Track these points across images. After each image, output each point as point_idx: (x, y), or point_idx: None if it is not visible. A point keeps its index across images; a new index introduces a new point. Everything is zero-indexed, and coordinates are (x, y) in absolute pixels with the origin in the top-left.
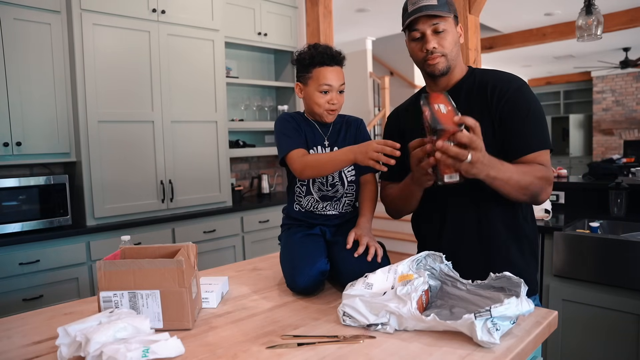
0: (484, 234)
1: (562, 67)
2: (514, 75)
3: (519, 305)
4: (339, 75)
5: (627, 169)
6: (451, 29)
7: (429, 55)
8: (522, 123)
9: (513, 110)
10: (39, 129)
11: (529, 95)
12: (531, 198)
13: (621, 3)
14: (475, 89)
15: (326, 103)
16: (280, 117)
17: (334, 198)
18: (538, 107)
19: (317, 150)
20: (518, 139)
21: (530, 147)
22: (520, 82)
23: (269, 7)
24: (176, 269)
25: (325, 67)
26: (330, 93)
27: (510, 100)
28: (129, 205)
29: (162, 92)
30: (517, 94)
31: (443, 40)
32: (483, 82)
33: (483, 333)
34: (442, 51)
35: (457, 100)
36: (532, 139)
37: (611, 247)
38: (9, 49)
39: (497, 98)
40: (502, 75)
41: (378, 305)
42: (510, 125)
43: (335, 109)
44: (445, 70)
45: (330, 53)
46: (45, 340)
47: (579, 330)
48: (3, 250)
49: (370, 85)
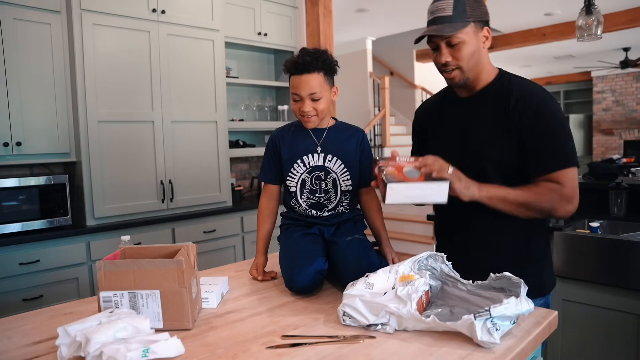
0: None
1: (562, 67)
2: (539, 88)
3: (518, 304)
4: (308, 84)
5: (627, 169)
6: (469, 38)
7: (444, 67)
8: (540, 141)
9: (532, 127)
10: (39, 129)
11: (550, 110)
12: (541, 214)
13: (621, 3)
14: (502, 99)
15: (298, 110)
16: (270, 136)
17: (325, 206)
18: (560, 123)
19: (309, 158)
20: (536, 158)
21: (547, 167)
22: (542, 96)
23: (269, 7)
24: (176, 269)
25: (295, 75)
26: (300, 101)
27: (530, 116)
28: (129, 205)
29: (162, 92)
30: (538, 110)
31: (458, 52)
32: (508, 93)
33: (483, 333)
34: (457, 64)
35: (482, 108)
36: (550, 158)
37: (611, 247)
38: (9, 49)
39: (518, 113)
40: (527, 88)
41: (378, 305)
42: (529, 143)
43: (310, 116)
44: (462, 82)
45: (302, 61)
46: (45, 340)
47: (579, 330)
48: (3, 250)
49: (370, 85)
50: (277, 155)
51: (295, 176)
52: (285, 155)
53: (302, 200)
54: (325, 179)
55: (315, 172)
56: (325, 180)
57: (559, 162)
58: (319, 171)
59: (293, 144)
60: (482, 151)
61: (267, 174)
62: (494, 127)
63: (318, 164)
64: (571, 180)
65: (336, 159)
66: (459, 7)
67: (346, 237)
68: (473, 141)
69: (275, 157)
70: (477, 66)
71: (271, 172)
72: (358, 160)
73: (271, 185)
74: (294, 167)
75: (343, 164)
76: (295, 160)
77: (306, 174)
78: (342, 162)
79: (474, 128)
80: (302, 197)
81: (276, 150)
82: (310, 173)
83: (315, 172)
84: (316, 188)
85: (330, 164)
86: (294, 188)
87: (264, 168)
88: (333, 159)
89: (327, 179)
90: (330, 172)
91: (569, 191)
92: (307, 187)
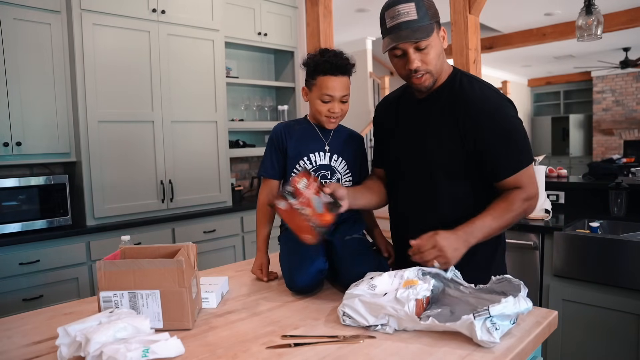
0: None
1: (562, 67)
2: (492, 94)
3: (517, 303)
4: (342, 85)
5: (627, 169)
6: (434, 41)
7: (413, 73)
8: (495, 147)
9: (485, 133)
10: (39, 129)
11: (503, 116)
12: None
13: (621, 3)
14: (452, 100)
15: (326, 111)
16: (273, 130)
17: None
18: (512, 124)
19: (316, 156)
20: (492, 164)
21: (505, 172)
22: (495, 104)
23: (269, 7)
24: (176, 269)
25: (329, 76)
26: (331, 102)
27: (482, 122)
28: (129, 205)
29: (162, 92)
30: (489, 115)
31: (426, 56)
32: (459, 97)
33: (483, 333)
34: (427, 69)
35: (434, 108)
36: (506, 163)
37: (611, 247)
38: (9, 49)
39: (470, 119)
40: (477, 93)
41: (377, 306)
42: (484, 150)
43: (337, 117)
44: (431, 85)
45: (336, 62)
46: (45, 340)
47: (579, 330)
48: (3, 250)
49: (370, 85)
50: (282, 151)
51: None
52: (292, 151)
53: None
54: (330, 179)
55: (322, 171)
56: (330, 180)
57: (516, 165)
58: (325, 170)
59: (300, 141)
60: (430, 155)
61: (269, 169)
62: (444, 131)
63: (325, 162)
64: (530, 179)
65: (341, 159)
66: (422, 10)
67: (345, 237)
68: (424, 144)
69: (280, 153)
70: (442, 67)
71: (273, 167)
72: (359, 164)
73: (272, 180)
74: (300, 165)
75: (347, 165)
76: (301, 157)
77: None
78: (346, 163)
79: (425, 131)
80: None
81: (282, 145)
82: (316, 172)
83: (321, 170)
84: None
85: (336, 164)
86: None
87: (265, 163)
88: (339, 159)
89: (332, 178)
90: (335, 171)
91: (531, 190)
92: None
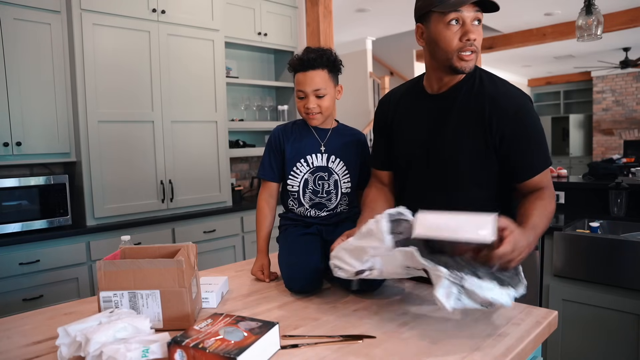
0: None
1: (562, 67)
2: (516, 91)
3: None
4: (313, 80)
5: (627, 169)
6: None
7: (468, 47)
8: (524, 147)
9: (512, 135)
10: (39, 129)
11: (529, 116)
12: None
13: (621, 3)
14: (474, 97)
15: (303, 107)
16: (271, 132)
17: (326, 206)
18: (538, 126)
19: (313, 157)
20: (521, 164)
21: (532, 172)
22: (521, 102)
23: (269, 7)
24: (176, 269)
25: (299, 72)
26: (305, 98)
27: (510, 123)
28: (129, 205)
29: (162, 92)
30: (516, 116)
31: (480, 36)
32: (482, 93)
33: (441, 292)
34: (478, 48)
35: (453, 103)
36: (534, 163)
37: (611, 247)
38: (9, 49)
39: (497, 118)
40: (502, 90)
41: (358, 250)
42: (512, 150)
43: (316, 114)
44: (472, 69)
45: (306, 57)
46: (45, 340)
47: (579, 330)
48: (3, 250)
49: (370, 85)
50: (280, 153)
51: (298, 176)
52: (289, 153)
53: (304, 201)
54: (328, 180)
55: (319, 173)
56: (327, 181)
57: (543, 165)
58: (322, 172)
59: (297, 142)
60: (450, 150)
61: (268, 172)
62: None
63: (321, 164)
64: (550, 179)
65: (339, 160)
66: None
67: None
68: (443, 140)
69: (278, 155)
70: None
71: (272, 169)
72: (359, 164)
73: (271, 182)
74: (297, 167)
75: (345, 165)
76: (298, 160)
77: (309, 174)
78: (344, 164)
79: (443, 127)
80: (305, 198)
81: (280, 147)
82: (314, 173)
83: (318, 172)
84: (319, 189)
85: (333, 165)
86: (297, 187)
87: (264, 165)
88: (336, 160)
89: (329, 179)
90: (332, 173)
91: (552, 190)
92: (309, 187)
